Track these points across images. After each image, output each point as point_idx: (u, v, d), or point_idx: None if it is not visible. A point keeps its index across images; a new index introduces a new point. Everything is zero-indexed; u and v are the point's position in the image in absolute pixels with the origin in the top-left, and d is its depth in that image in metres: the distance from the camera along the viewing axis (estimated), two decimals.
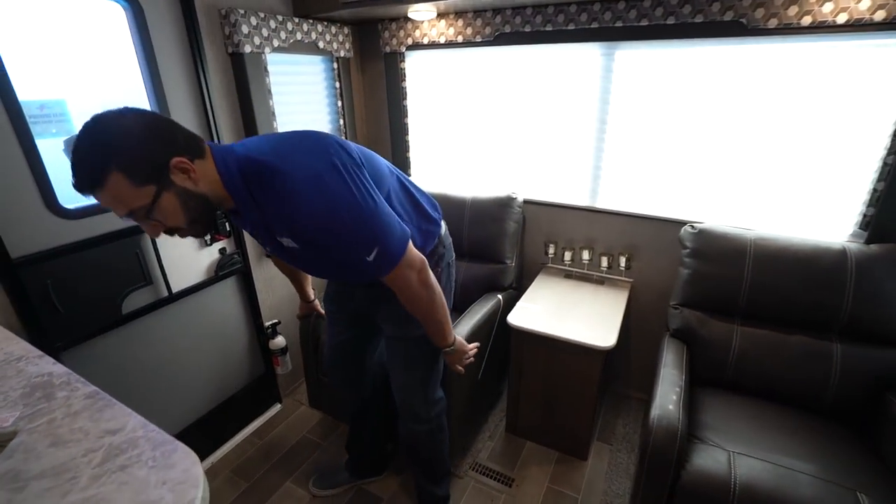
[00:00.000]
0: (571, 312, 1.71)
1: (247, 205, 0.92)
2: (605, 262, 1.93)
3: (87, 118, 0.81)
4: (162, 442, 0.71)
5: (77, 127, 1.32)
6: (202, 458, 1.73)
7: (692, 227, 1.60)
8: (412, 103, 2.17)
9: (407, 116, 2.18)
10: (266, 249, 1.31)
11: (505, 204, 1.89)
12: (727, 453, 1.20)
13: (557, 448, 1.81)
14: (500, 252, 1.90)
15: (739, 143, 1.60)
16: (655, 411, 1.23)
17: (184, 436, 1.65)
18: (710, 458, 1.18)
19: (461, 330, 1.51)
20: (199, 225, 0.91)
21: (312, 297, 1.58)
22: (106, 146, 0.78)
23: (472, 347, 1.26)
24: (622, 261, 1.89)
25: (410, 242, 0.99)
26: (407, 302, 1.06)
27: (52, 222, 1.25)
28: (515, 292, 1.96)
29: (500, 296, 1.83)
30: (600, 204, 1.92)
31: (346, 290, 1.32)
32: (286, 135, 0.98)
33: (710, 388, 1.50)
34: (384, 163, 1.10)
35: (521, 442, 1.86)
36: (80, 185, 0.81)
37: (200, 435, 1.74)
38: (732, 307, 1.51)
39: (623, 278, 1.94)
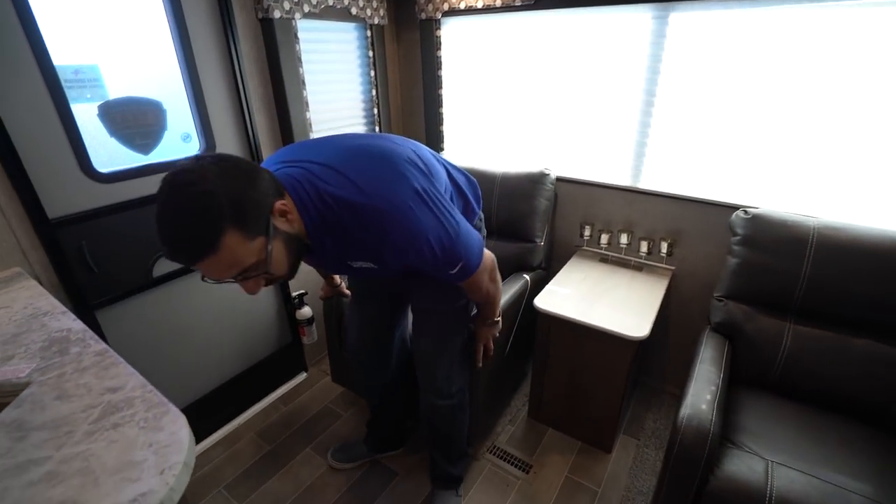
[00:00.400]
0: (604, 299, 1.61)
1: (323, 242, 0.88)
2: (644, 246, 1.80)
3: (162, 177, 0.66)
4: (157, 403, 0.72)
5: (111, 93, 1.36)
6: (228, 419, 1.82)
7: (745, 211, 1.43)
8: (447, 74, 2.08)
9: (441, 87, 2.09)
10: (328, 272, 1.32)
11: (536, 180, 1.79)
12: (765, 462, 1.08)
13: (580, 438, 1.74)
14: (530, 230, 1.81)
15: (806, 118, 1.40)
16: (686, 410, 1.13)
17: (211, 398, 1.73)
18: (745, 466, 1.07)
19: None
20: (295, 268, 0.87)
21: (339, 281, 1.56)
22: (210, 202, 0.65)
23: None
24: (664, 246, 1.75)
25: (484, 248, 1.02)
26: (475, 297, 1.13)
27: (86, 185, 1.29)
28: (544, 273, 1.87)
29: (527, 276, 1.75)
30: (643, 184, 1.77)
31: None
32: (352, 154, 0.88)
33: (752, 389, 1.36)
34: (433, 156, 1.06)
35: (543, 428, 1.80)
36: (189, 255, 0.67)
37: (227, 397, 1.80)
38: (786, 302, 1.36)
39: (664, 265, 1.80)
